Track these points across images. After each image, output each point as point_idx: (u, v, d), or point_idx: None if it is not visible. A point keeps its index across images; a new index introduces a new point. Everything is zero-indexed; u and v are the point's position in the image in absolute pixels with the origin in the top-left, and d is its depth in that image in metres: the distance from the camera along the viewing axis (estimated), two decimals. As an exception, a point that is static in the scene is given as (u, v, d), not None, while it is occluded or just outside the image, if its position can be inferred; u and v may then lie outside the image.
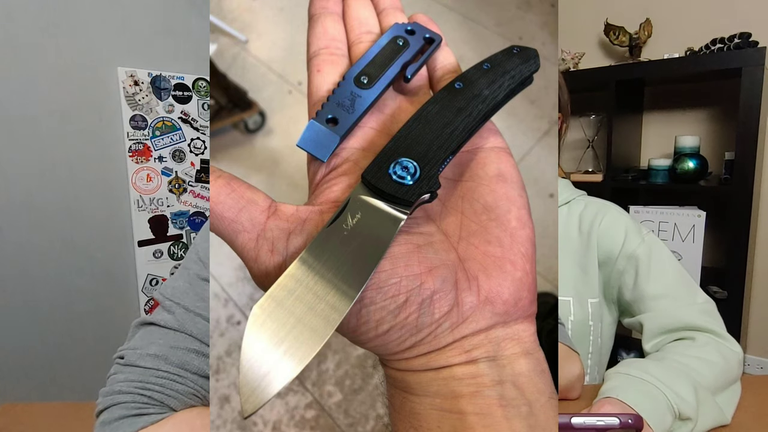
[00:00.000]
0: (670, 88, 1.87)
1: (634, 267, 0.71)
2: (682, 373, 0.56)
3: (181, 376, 0.46)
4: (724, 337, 0.64)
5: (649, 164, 1.77)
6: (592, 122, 1.84)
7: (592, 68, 1.86)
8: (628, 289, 0.72)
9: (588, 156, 1.94)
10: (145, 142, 1.75)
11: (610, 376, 0.57)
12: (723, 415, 0.56)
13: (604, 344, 0.79)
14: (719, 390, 0.58)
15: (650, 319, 0.68)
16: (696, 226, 1.58)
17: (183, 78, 1.82)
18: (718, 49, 1.57)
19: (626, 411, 0.50)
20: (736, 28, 1.59)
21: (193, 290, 0.50)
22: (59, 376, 1.64)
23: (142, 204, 1.77)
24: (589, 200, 0.81)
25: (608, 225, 0.75)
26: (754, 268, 1.74)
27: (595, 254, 0.75)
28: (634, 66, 1.72)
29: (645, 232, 0.74)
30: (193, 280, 0.51)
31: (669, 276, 0.70)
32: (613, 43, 1.84)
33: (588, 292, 0.76)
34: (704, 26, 1.75)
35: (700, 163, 1.62)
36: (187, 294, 0.50)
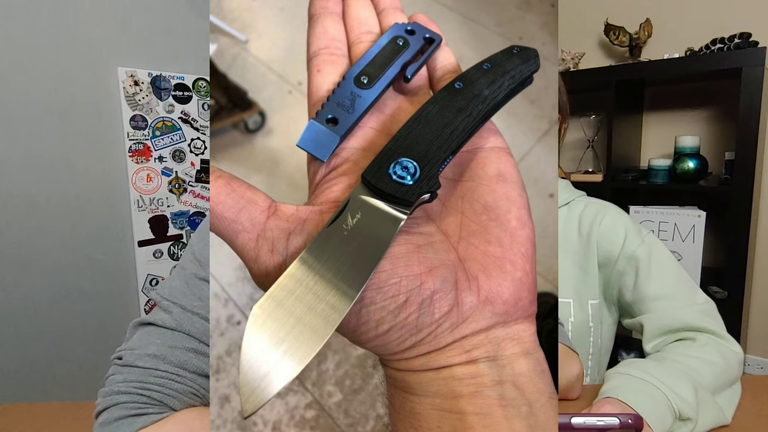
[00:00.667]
0: (670, 88, 1.87)
1: (634, 268, 0.71)
2: (682, 373, 0.56)
3: (180, 375, 0.46)
4: (724, 338, 0.64)
5: (649, 164, 1.77)
6: (592, 122, 1.84)
7: (592, 68, 1.86)
8: (629, 290, 0.72)
9: (588, 156, 1.94)
10: (145, 142, 1.75)
11: (611, 376, 0.57)
12: (723, 416, 0.56)
13: (604, 345, 0.79)
14: (719, 390, 0.58)
15: (650, 320, 0.68)
16: (696, 226, 1.58)
17: (183, 78, 1.82)
18: (718, 49, 1.57)
19: (626, 411, 0.50)
20: (736, 28, 1.59)
21: (190, 290, 0.50)
22: (59, 376, 1.64)
23: (142, 204, 1.77)
24: (588, 201, 0.81)
25: (608, 226, 0.75)
26: (754, 268, 1.74)
27: (595, 255, 0.75)
28: (634, 66, 1.72)
29: (645, 232, 0.74)
30: (190, 280, 0.51)
31: (669, 277, 0.70)
32: (613, 43, 1.84)
33: (588, 294, 0.76)
34: (704, 26, 1.75)
35: (700, 163, 1.62)
36: (184, 293, 0.50)
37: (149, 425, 0.43)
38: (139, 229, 1.77)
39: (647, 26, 1.78)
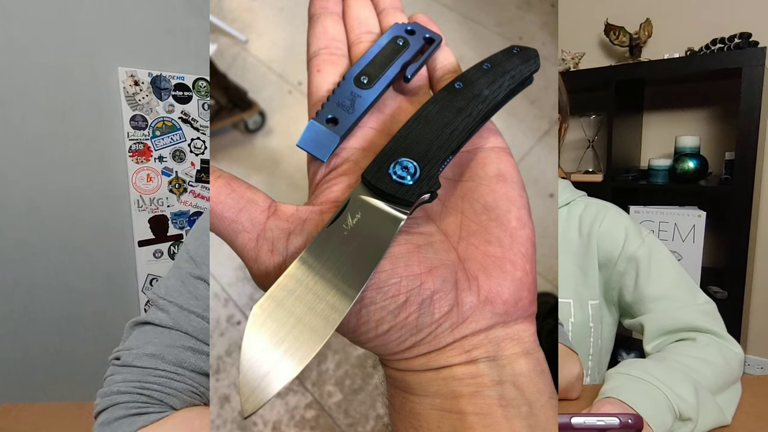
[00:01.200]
0: (670, 88, 1.87)
1: (635, 268, 0.71)
2: (682, 373, 0.56)
3: (179, 374, 0.47)
4: (724, 338, 0.64)
5: (649, 164, 1.77)
6: (592, 122, 1.84)
7: (592, 68, 1.86)
8: (629, 291, 0.72)
9: (588, 156, 1.94)
10: (145, 142, 1.75)
11: (611, 376, 0.57)
12: (723, 416, 0.56)
13: (605, 345, 0.79)
14: (720, 390, 0.58)
15: (651, 320, 0.68)
16: (696, 226, 1.58)
17: (183, 78, 1.82)
18: (718, 49, 1.57)
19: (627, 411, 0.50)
20: (736, 28, 1.59)
21: (186, 288, 0.51)
22: (59, 376, 1.64)
23: (142, 204, 1.77)
24: (589, 201, 0.81)
25: (608, 227, 0.75)
26: (754, 268, 1.74)
27: (595, 256, 0.75)
28: (634, 66, 1.72)
29: (645, 233, 0.74)
30: (185, 279, 0.52)
31: (669, 277, 0.70)
32: (613, 43, 1.84)
33: (588, 294, 0.76)
34: (704, 26, 1.75)
35: (700, 163, 1.62)
36: (180, 292, 0.51)
37: (149, 424, 0.43)
38: (139, 229, 1.77)
39: (647, 26, 1.78)
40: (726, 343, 0.64)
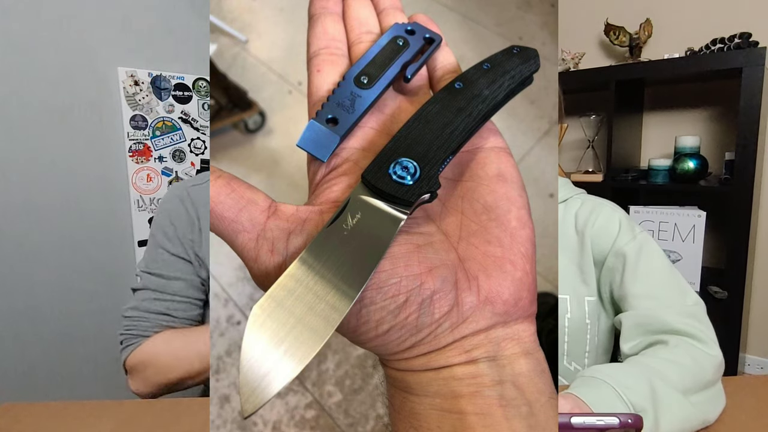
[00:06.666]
0: (670, 88, 1.88)
1: (622, 264, 0.71)
2: (637, 369, 0.55)
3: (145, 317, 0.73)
4: (702, 341, 0.62)
5: (649, 164, 1.77)
6: (592, 122, 1.84)
7: (592, 68, 1.86)
8: (617, 287, 0.71)
9: (588, 156, 1.94)
10: (145, 142, 1.75)
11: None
12: (701, 415, 0.55)
13: (602, 343, 0.79)
14: (690, 391, 0.57)
15: (628, 317, 0.67)
16: (696, 226, 1.58)
17: (183, 78, 1.82)
18: (718, 49, 1.57)
19: (579, 405, 0.50)
20: (736, 28, 1.59)
21: (150, 257, 0.76)
22: (59, 376, 1.64)
23: (142, 204, 1.77)
24: (585, 198, 0.81)
25: (602, 223, 0.75)
26: (754, 268, 1.74)
27: (590, 253, 0.75)
28: (634, 66, 1.72)
29: (638, 230, 0.74)
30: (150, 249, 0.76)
31: (655, 276, 0.69)
32: (613, 43, 1.84)
33: (585, 291, 0.76)
34: (704, 26, 1.75)
35: (700, 163, 1.62)
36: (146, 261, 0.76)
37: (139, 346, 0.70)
38: (139, 229, 1.77)
39: (647, 26, 1.78)
40: (701, 346, 0.62)
